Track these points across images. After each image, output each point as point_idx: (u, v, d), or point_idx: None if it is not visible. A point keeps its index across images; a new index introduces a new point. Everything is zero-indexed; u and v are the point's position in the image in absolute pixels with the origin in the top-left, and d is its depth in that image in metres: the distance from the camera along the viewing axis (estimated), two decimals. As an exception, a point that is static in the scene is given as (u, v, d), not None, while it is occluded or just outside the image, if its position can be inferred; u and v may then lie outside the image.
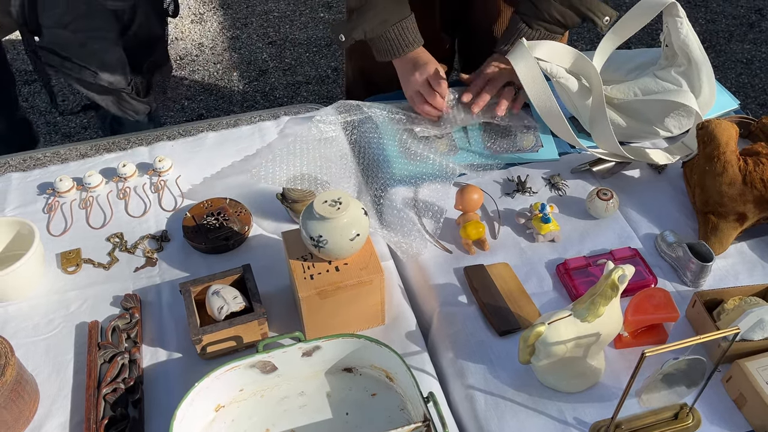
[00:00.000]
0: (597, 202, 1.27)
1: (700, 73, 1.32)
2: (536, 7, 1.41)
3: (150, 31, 1.66)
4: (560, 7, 1.39)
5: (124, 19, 1.59)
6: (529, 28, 1.42)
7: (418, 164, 1.38)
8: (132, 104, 1.66)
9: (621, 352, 1.08)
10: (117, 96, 1.62)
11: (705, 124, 1.24)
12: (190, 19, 3.39)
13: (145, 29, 1.63)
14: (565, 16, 1.40)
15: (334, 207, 1.02)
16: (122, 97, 1.63)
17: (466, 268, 1.20)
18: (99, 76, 1.54)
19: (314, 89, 3.00)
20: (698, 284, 1.17)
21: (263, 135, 1.49)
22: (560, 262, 1.21)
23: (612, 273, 0.94)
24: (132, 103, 1.66)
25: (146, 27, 1.64)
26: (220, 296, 1.08)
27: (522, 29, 1.43)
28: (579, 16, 1.40)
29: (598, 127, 1.33)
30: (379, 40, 1.41)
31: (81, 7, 1.48)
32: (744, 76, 3.05)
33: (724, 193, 1.21)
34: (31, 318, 1.15)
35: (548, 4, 1.39)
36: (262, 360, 0.99)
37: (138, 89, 1.68)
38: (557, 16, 1.40)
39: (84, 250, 1.26)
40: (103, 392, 1.01)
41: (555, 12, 1.40)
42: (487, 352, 1.08)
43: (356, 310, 1.09)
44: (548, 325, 0.97)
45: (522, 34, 1.42)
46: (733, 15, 3.37)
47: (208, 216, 1.27)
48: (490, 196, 1.33)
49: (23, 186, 1.38)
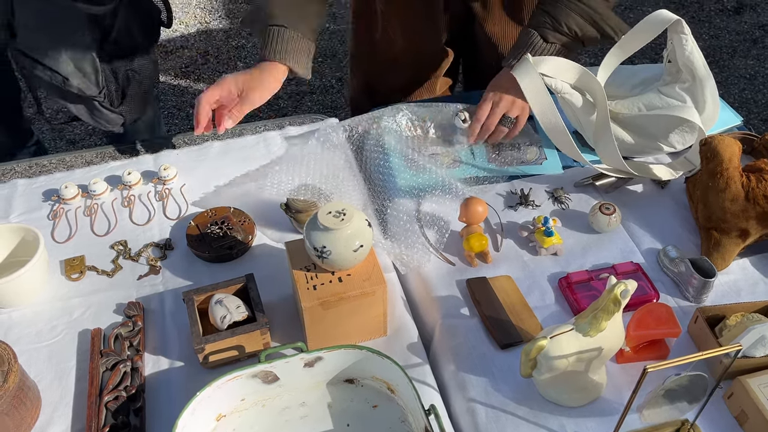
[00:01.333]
0: (600, 216, 1.27)
1: (704, 90, 1.33)
2: (555, 19, 1.36)
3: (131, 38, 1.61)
4: (580, 21, 1.35)
5: (104, 24, 1.55)
6: (544, 42, 1.37)
7: (422, 176, 1.38)
8: (103, 113, 1.61)
9: (623, 366, 1.08)
10: (89, 105, 1.58)
11: (708, 140, 1.25)
12: (196, 28, 3.41)
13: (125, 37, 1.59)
14: (584, 30, 1.36)
15: (338, 218, 1.03)
16: (94, 106, 1.58)
17: (469, 281, 1.20)
18: (69, 82, 1.50)
19: (318, 99, 3.02)
20: (700, 300, 1.17)
21: (268, 145, 1.50)
22: (562, 276, 1.21)
23: (614, 288, 0.94)
24: (103, 112, 1.61)
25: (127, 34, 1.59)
26: (223, 305, 1.09)
27: (535, 43, 1.37)
28: (599, 31, 1.36)
29: (603, 142, 1.33)
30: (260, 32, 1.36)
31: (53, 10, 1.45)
32: (747, 92, 3.06)
33: (727, 209, 1.21)
34: (35, 324, 1.15)
35: (568, 16, 1.35)
36: (264, 370, 0.99)
37: (112, 98, 1.62)
38: (576, 29, 1.35)
39: (88, 258, 1.26)
40: (104, 400, 1.02)
41: (574, 25, 1.35)
42: (488, 365, 1.09)
43: (358, 321, 1.10)
44: (550, 339, 0.97)
45: (535, 47, 1.37)
46: (736, 31, 3.38)
47: (212, 225, 1.28)
48: (493, 208, 1.34)
49: (29, 192, 1.39)
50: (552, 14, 1.36)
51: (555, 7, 1.36)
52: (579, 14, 1.35)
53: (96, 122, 1.62)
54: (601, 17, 1.35)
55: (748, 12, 3.50)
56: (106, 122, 1.62)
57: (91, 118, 1.61)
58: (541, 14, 1.38)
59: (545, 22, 1.37)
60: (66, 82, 1.49)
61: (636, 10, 3.43)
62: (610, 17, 1.36)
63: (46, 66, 1.48)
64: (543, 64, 1.30)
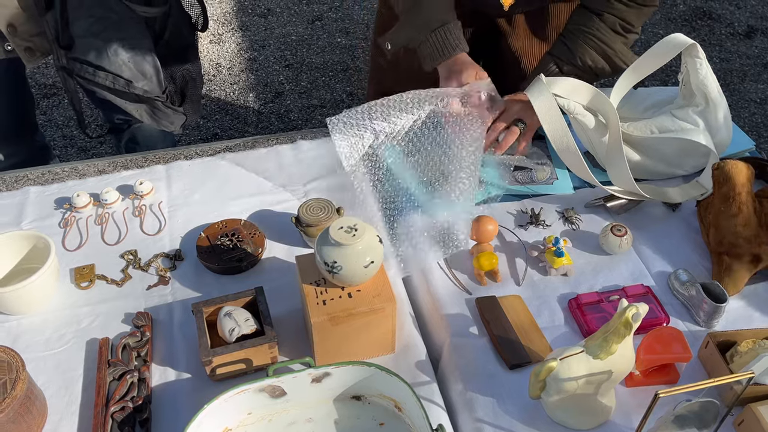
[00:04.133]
0: (611, 238, 1.27)
1: (718, 114, 1.33)
2: (570, 51, 1.41)
3: (182, 40, 1.64)
4: (594, 55, 1.40)
5: (155, 27, 1.58)
6: (560, 72, 1.42)
7: (435, 193, 1.38)
8: (167, 113, 1.63)
9: (632, 390, 1.08)
10: (151, 105, 1.60)
11: (721, 165, 1.24)
12: (209, 39, 3.43)
13: (177, 38, 1.62)
14: (597, 64, 1.41)
15: (349, 233, 1.03)
16: (157, 106, 1.61)
17: (478, 300, 1.20)
18: (133, 85, 1.53)
19: (329, 113, 3.03)
20: (711, 325, 1.17)
21: (280, 158, 1.50)
22: (572, 297, 1.20)
23: (626, 311, 0.93)
24: (167, 112, 1.63)
25: (178, 36, 1.62)
26: (231, 318, 1.08)
27: (552, 71, 1.43)
28: (611, 67, 1.41)
29: (615, 164, 1.33)
30: (423, 45, 1.41)
31: (112, 16, 1.47)
32: (757, 116, 3.06)
33: (739, 234, 1.21)
34: (43, 332, 1.15)
35: (583, 50, 1.40)
36: (272, 384, 0.99)
37: (172, 98, 1.66)
38: (589, 63, 1.40)
39: (98, 266, 1.26)
40: (111, 410, 1.01)
41: (588, 59, 1.40)
42: (497, 385, 1.08)
43: (367, 338, 1.09)
44: (560, 361, 0.96)
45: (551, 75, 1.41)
46: (747, 55, 3.38)
47: (222, 236, 1.28)
48: (515, 233, 1.33)
49: (41, 200, 1.39)
50: (569, 46, 1.41)
51: (574, 41, 1.42)
52: (593, 49, 1.40)
53: (157, 122, 1.64)
54: (614, 53, 1.40)
55: (758, 36, 3.50)
56: (168, 122, 1.65)
57: (152, 118, 1.63)
58: (560, 45, 1.44)
59: (562, 53, 1.42)
60: (129, 84, 1.52)
61: (647, 32, 3.44)
62: (625, 54, 1.40)
63: (108, 71, 1.50)
64: (556, 85, 1.31)
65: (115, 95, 1.57)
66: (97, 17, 1.45)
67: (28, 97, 1.84)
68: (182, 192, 1.42)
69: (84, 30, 1.47)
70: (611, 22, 1.39)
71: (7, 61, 1.54)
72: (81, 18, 1.45)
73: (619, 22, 1.39)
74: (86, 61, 1.49)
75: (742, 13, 3.65)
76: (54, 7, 1.44)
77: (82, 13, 1.45)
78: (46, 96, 3.03)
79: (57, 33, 1.46)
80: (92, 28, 1.47)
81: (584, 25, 1.41)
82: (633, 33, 1.42)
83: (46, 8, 1.43)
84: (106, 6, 1.46)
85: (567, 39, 1.43)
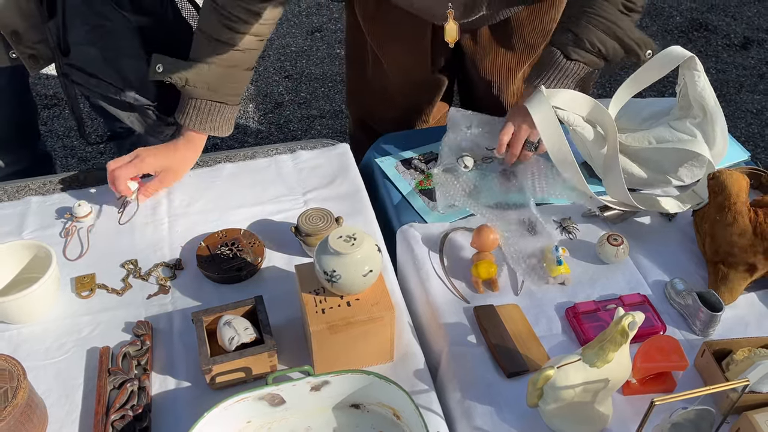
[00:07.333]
0: (607, 247, 1.28)
1: (715, 125, 1.34)
2: (576, 35, 1.33)
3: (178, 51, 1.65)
4: (602, 36, 1.32)
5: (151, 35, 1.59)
6: (567, 60, 1.34)
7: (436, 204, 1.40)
8: (157, 122, 1.65)
9: (628, 398, 1.08)
10: (142, 113, 1.61)
11: (716, 175, 1.26)
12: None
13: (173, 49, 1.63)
14: (607, 45, 1.33)
15: (348, 242, 1.04)
16: (147, 115, 1.62)
17: (476, 308, 1.21)
18: (124, 93, 1.54)
19: (328, 123, 3.04)
20: (707, 333, 1.17)
21: (279, 168, 1.51)
22: (569, 306, 1.21)
23: (622, 319, 0.94)
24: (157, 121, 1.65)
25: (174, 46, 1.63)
26: (231, 327, 1.09)
27: (558, 61, 1.35)
28: (622, 47, 1.34)
29: (611, 176, 1.34)
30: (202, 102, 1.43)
31: (107, 24, 1.48)
32: (754, 126, 3.08)
33: (735, 244, 1.22)
34: (44, 341, 1.16)
35: (589, 32, 1.32)
36: (271, 393, 0.99)
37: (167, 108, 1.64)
38: (599, 45, 1.33)
39: (98, 276, 1.27)
40: (111, 419, 1.02)
41: (597, 41, 1.32)
42: (495, 393, 1.09)
43: (366, 346, 1.10)
44: (557, 369, 0.97)
45: (558, 65, 1.35)
46: (743, 66, 3.41)
47: (222, 246, 1.29)
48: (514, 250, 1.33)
49: (42, 210, 1.40)
50: (574, 31, 1.34)
51: (577, 24, 1.34)
52: (602, 30, 1.32)
53: (148, 131, 1.65)
54: (624, 32, 1.33)
55: (755, 48, 3.53)
56: (159, 132, 1.66)
57: (143, 127, 1.64)
58: (563, 32, 1.36)
59: (567, 39, 1.35)
60: (121, 92, 1.53)
61: (644, 43, 3.47)
62: (633, 31, 1.34)
63: (101, 79, 1.52)
64: (556, 97, 1.32)
65: (107, 103, 1.58)
66: (92, 25, 1.47)
67: (32, 104, 1.85)
68: (183, 201, 1.43)
69: (80, 37, 1.48)
70: (615, 1, 1.32)
71: (11, 69, 1.55)
72: (77, 26, 1.47)
73: (622, 1, 1.32)
74: (81, 68, 1.50)
75: (738, 24, 3.68)
76: (56, 15, 1.45)
77: (78, 20, 1.47)
78: (47, 107, 3.05)
79: (58, 40, 1.47)
80: (87, 35, 1.48)
81: (588, 7, 1.33)
82: (636, 12, 1.35)
83: (49, 16, 1.45)
84: (102, 14, 1.48)
85: (570, 24, 1.35)
